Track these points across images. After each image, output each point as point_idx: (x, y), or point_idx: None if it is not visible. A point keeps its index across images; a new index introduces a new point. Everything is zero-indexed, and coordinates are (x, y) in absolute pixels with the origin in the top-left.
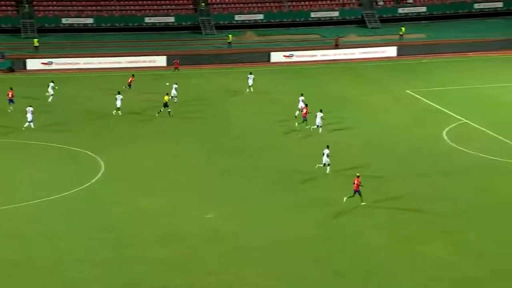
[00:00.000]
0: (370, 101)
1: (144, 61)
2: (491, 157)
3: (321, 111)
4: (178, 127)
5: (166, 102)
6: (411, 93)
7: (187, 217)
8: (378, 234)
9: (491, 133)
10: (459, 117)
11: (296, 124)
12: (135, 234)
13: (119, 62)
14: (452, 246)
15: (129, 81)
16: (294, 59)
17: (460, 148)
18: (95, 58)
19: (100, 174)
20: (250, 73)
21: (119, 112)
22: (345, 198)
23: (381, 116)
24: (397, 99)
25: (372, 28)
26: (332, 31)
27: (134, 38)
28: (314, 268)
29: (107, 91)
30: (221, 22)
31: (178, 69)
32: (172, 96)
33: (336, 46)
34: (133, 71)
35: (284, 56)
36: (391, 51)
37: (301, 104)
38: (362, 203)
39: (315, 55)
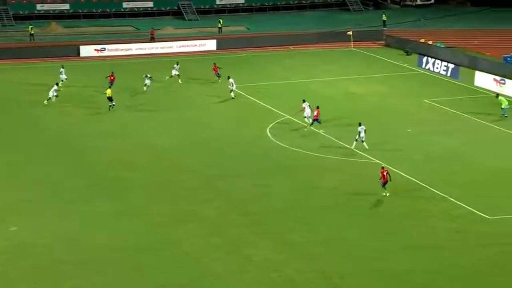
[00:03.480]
0: (192, 99)
1: None
2: (314, 154)
3: (304, 101)
4: None
5: (110, 96)
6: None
7: None
8: (203, 239)
9: (314, 129)
10: (282, 113)
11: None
12: None
13: None
14: (277, 246)
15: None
16: (106, 53)
17: (284, 145)
18: None
19: None
20: (177, 63)
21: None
22: (385, 194)
23: (204, 114)
24: (219, 95)
25: (190, 20)
26: (147, 23)
27: None
28: (135, 280)
29: None
30: (21, 12)
31: (111, 84)
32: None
33: (152, 39)
34: None
35: (95, 50)
36: (210, 44)
37: (233, 87)
38: (386, 194)
39: (130, 49)
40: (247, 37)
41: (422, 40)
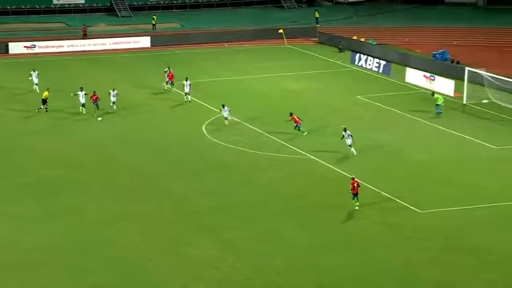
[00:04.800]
0: (127, 96)
1: None
2: (250, 150)
3: (223, 106)
4: None
5: (45, 99)
6: (169, 86)
7: None
8: (139, 238)
9: (249, 126)
10: (217, 110)
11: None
12: None
13: None
14: (214, 243)
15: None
16: (37, 50)
17: (220, 143)
18: None
19: None
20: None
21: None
22: (356, 207)
23: (139, 111)
24: (155, 93)
25: (123, 16)
26: (79, 19)
27: None
28: (70, 280)
29: None
30: None
31: (95, 104)
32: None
33: (84, 36)
34: None
35: (25, 47)
36: (144, 41)
37: (186, 88)
38: (356, 205)
39: (62, 46)
40: (181, 34)
41: (355, 37)
